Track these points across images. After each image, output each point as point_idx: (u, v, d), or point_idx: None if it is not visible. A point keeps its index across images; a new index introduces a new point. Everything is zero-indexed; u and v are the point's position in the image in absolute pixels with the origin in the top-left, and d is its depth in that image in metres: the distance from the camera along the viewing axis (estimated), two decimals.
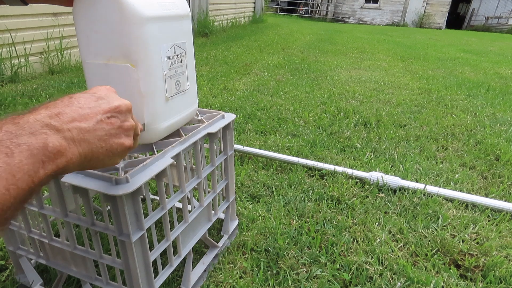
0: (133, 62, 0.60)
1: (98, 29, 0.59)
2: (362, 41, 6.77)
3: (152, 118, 0.67)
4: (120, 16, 0.57)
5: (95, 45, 0.60)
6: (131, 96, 0.62)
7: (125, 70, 0.61)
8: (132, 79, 0.61)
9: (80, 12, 0.59)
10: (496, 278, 0.93)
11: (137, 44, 0.60)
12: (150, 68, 0.63)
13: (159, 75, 0.65)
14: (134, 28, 0.59)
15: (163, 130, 0.71)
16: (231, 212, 1.05)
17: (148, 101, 0.64)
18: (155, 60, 0.63)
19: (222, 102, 2.41)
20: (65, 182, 0.56)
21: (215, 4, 6.78)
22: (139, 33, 0.59)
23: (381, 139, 1.87)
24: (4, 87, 2.57)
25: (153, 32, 0.61)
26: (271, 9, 16.41)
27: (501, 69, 4.23)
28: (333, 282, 0.91)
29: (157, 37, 0.63)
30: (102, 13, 0.57)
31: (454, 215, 1.21)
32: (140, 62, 0.61)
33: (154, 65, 0.64)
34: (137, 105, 0.63)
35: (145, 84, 0.63)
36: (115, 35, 0.59)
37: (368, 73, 3.62)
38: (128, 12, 0.57)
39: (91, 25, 0.59)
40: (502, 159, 1.64)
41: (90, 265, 0.71)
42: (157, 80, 0.65)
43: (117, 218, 0.58)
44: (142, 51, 0.61)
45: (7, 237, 0.78)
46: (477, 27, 14.78)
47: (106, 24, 0.58)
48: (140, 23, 0.59)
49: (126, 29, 0.58)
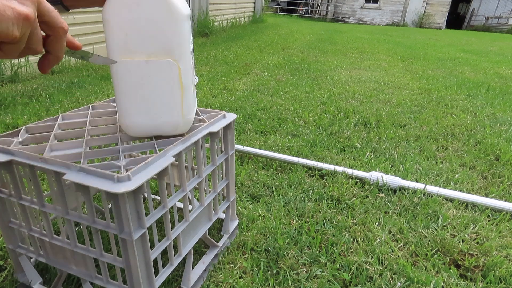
0: (175, 57, 0.65)
1: (139, 26, 0.61)
2: (362, 41, 6.77)
3: (188, 109, 0.72)
4: (166, 14, 0.61)
5: (134, 43, 0.62)
6: (172, 90, 0.67)
7: (168, 65, 0.65)
8: (174, 73, 0.66)
9: (116, 10, 0.60)
10: (496, 278, 0.93)
11: (179, 40, 0.65)
12: (187, 62, 0.68)
13: (190, 68, 0.70)
14: (178, 25, 0.63)
15: (192, 119, 0.76)
16: (231, 212, 1.05)
17: (185, 93, 0.69)
18: (188, 54, 0.68)
19: (222, 102, 2.41)
20: (67, 179, 0.56)
21: (215, 4, 6.78)
22: (182, 29, 0.64)
23: (381, 139, 1.87)
24: (4, 87, 2.57)
25: (188, 28, 0.67)
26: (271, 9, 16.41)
27: (501, 69, 4.23)
28: (333, 282, 0.91)
29: (189, 33, 0.68)
30: (146, 11, 0.60)
31: (454, 215, 1.21)
32: (182, 57, 0.66)
33: (188, 59, 0.69)
34: (176, 98, 0.68)
35: (185, 77, 0.68)
36: (159, 32, 0.62)
37: (368, 73, 3.63)
38: (174, 11, 0.61)
39: (130, 23, 0.61)
40: (502, 159, 1.64)
41: (90, 264, 0.71)
42: (190, 73, 0.70)
43: (118, 216, 0.58)
44: (183, 46, 0.66)
45: (7, 235, 0.78)
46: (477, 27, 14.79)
47: (149, 22, 0.61)
48: (182, 20, 0.64)
49: (171, 26, 0.62)
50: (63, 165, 0.59)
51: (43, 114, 2.00)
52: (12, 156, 0.64)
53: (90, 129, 0.78)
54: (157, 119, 0.69)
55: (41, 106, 2.13)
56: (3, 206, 0.74)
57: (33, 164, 0.61)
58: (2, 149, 0.65)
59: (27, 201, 0.70)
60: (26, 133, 0.75)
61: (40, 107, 2.11)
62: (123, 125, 0.71)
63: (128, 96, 0.67)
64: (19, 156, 0.63)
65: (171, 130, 0.72)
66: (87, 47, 3.61)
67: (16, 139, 0.71)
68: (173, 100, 0.68)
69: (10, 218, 0.76)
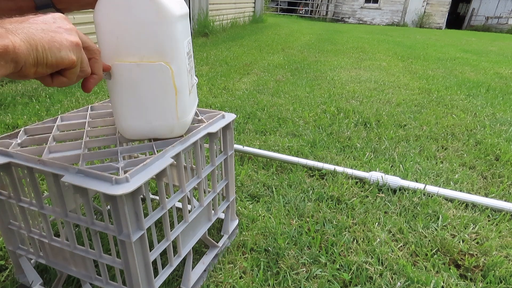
0: (167, 59, 0.63)
1: (130, 29, 0.60)
2: (362, 41, 6.77)
3: (183, 112, 0.71)
4: (156, 16, 0.59)
5: (125, 46, 0.61)
6: (165, 93, 0.66)
7: (160, 68, 0.63)
8: (166, 76, 0.64)
9: (107, 13, 0.59)
10: (496, 278, 0.93)
11: (171, 42, 0.63)
12: (181, 64, 0.66)
13: (185, 70, 0.69)
14: (169, 26, 0.61)
15: (190, 121, 0.76)
16: (231, 212, 1.05)
17: (180, 96, 0.68)
18: (182, 56, 0.67)
19: (222, 102, 2.41)
20: (65, 181, 0.56)
21: (215, 4, 6.78)
22: (173, 31, 0.62)
23: (381, 139, 1.87)
24: (4, 87, 2.57)
25: (180, 29, 0.65)
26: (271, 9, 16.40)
27: (501, 69, 4.23)
28: (333, 282, 0.91)
29: (182, 34, 0.66)
30: (136, 13, 0.59)
31: (454, 215, 1.21)
32: (174, 59, 0.64)
33: (182, 61, 0.67)
34: (170, 101, 0.67)
35: (178, 79, 0.66)
36: (150, 34, 0.61)
37: (368, 73, 3.63)
38: (164, 12, 0.60)
39: (121, 26, 0.60)
40: (502, 159, 1.64)
41: (90, 265, 0.71)
42: (185, 75, 0.69)
43: (117, 217, 0.58)
44: (175, 48, 0.64)
45: (7, 237, 0.78)
46: (477, 27, 14.78)
47: (139, 24, 0.60)
48: (173, 21, 0.62)
49: (162, 28, 0.61)
50: (61, 167, 0.59)
51: (43, 114, 2.00)
52: (10, 158, 0.64)
53: (89, 130, 0.78)
54: (152, 122, 0.69)
55: (41, 106, 2.13)
56: (2, 208, 0.74)
57: (32, 166, 0.61)
58: (1, 151, 0.65)
59: (26, 203, 0.69)
60: (25, 134, 0.75)
61: (40, 107, 2.11)
62: (119, 128, 0.71)
63: (122, 100, 0.66)
64: (18, 158, 0.63)
65: (166, 133, 0.71)
66: None
67: (14, 141, 0.71)
68: (167, 103, 0.67)
69: (9, 220, 0.76)
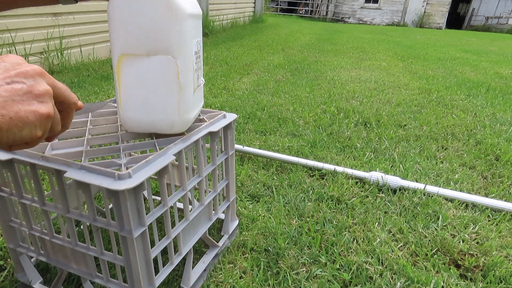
0: (174, 55, 0.64)
1: (140, 22, 0.61)
2: (362, 41, 6.78)
3: (186, 108, 0.71)
4: (166, 12, 0.61)
5: (134, 38, 0.62)
6: (169, 87, 0.67)
7: (167, 62, 0.64)
8: (172, 71, 0.65)
9: (120, 6, 0.61)
10: (496, 278, 0.94)
11: (179, 38, 0.64)
12: (187, 61, 0.67)
13: (191, 68, 0.70)
14: (178, 23, 0.62)
15: (191, 119, 0.76)
16: (231, 212, 1.06)
17: (183, 93, 0.69)
18: (189, 54, 0.68)
19: (222, 102, 2.41)
20: (68, 177, 0.56)
21: (215, 4, 6.78)
22: (182, 28, 0.63)
23: (381, 139, 1.87)
24: None
25: (190, 27, 0.66)
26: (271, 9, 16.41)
27: (501, 69, 4.23)
28: (333, 282, 0.91)
29: (191, 33, 0.67)
30: (147, 7, 0.60)
31: (454, 215, 1.21)
32: (181, 55, 0.65)
33: (189, 58, 0.68)
34: (174, 96, 0.68)
35: (183, 76, 0.67)
36: (158, 29, 0.62)
37: (368, 73, 3.63)
38: (174, 8, 0.61)
39: (132, 18, 0.61)
40: (502, 159, 1.65)
41: (91, 262, 0.71)
42: (190, 73, 0.70)
43: (119, 213, 0.58)
44: (183, 45, 0.65)
45: (8, 235, 0.78)
46: (477, 27, 14.80)
47: (149, 18, 0.61)
48: (183, 18, 0.63)
49: (171, 24, 0.62)
50: (64, 163, 0.59)
51: None
52: (13, 155, 0.64)
53: (91, 128, 0.78)
54: (153, 116, 0.69)
55: None
56: (4, 205, 0.74)
57: (34, 162, 0.61)
58: None
59: (28, 200, 0.70)
60: None
61: None
62: (121, 119, 0.72)
63: (127, 90, 0.67)
64: (20, 154, 0.64)
65: (167, 128, 0.72)
66: (87, 47, 3.62)
67: None
68: (170, 98, 0.68)
69: (11, 217, 0.76)
